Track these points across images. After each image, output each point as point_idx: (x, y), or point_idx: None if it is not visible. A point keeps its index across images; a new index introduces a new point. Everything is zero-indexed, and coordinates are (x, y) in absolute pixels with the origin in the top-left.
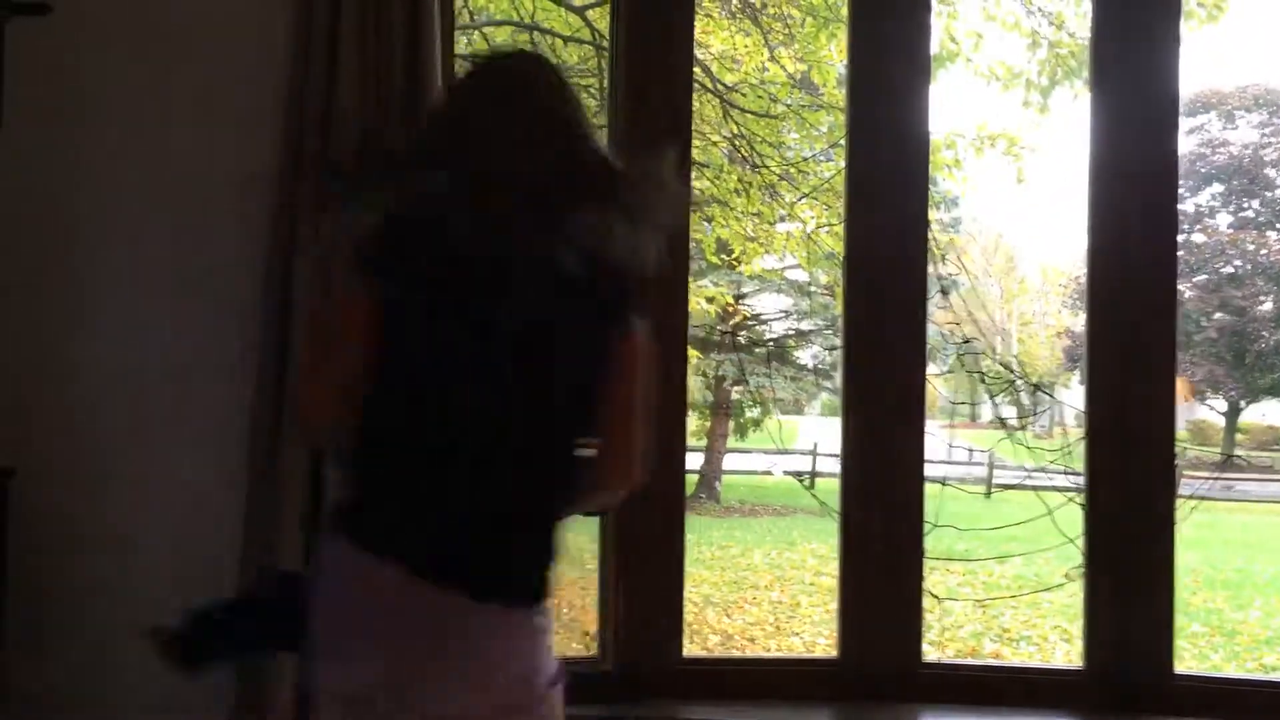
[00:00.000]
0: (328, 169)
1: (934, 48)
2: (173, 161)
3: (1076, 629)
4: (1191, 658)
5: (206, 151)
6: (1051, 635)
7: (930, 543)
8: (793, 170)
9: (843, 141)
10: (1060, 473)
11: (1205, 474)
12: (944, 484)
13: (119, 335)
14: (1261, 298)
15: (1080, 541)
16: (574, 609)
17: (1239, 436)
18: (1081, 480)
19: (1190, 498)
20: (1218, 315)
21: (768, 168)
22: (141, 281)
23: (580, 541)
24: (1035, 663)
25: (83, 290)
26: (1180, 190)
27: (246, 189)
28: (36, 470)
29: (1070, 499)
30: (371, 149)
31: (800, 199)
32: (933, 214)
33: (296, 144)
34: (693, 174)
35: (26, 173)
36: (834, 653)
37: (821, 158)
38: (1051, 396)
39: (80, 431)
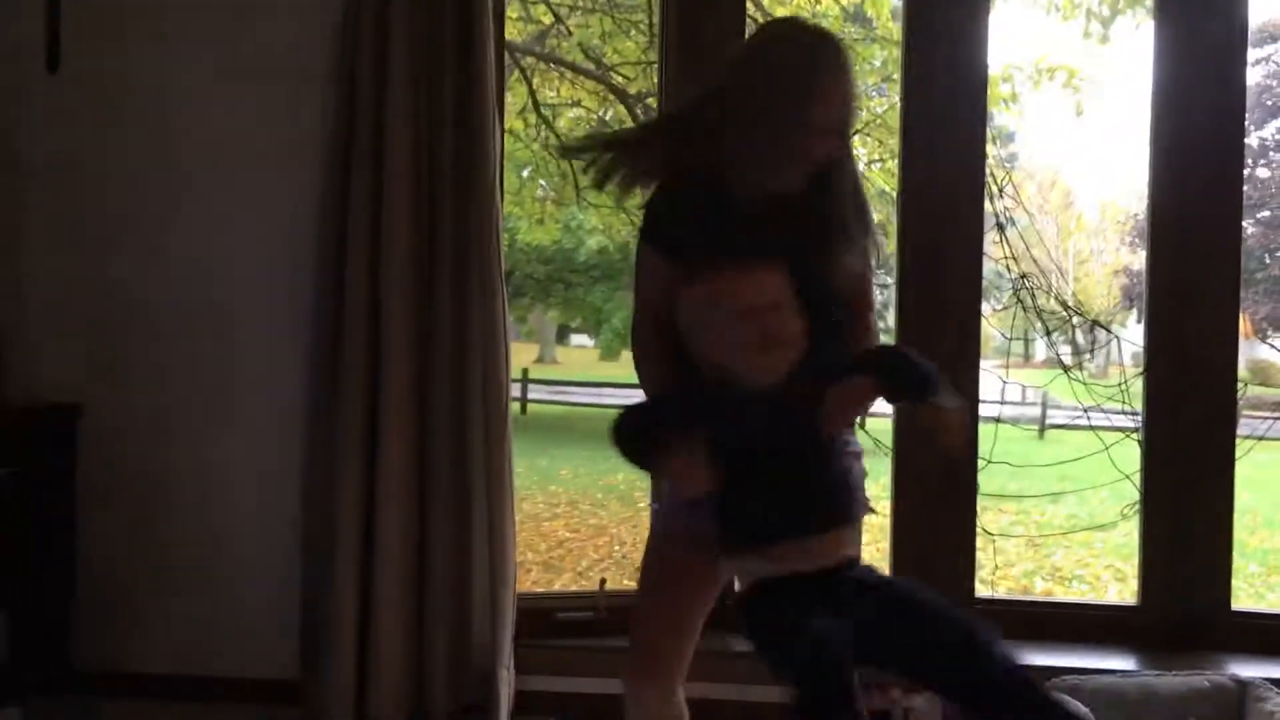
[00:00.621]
0: None
1: None
2: (227, 115)
3: (1130, 569)
4: (1248, 597)
5: (260, 107)
6: (1104, 575)
7: (983, 480)
8: None
9: (896, 76)
10: (1116, 412)
11: (1266, 414)
12: (998, 422)
13: (180, 276)
14: None
15: (1136, 478)
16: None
17: None
18: (1138, 419)
19: (1250, 438)
20: None
21: None
22: (199, 226)
23: None
24: (1090, 599)
25: (142, 232)
26: (1245, 123)
27: (300, 146)
28: (104, 410)
29: (1126, 436)
30: None
31: (853, 134)
32: (989, 149)
33: (349, 98)
34: None
35: (83, 119)
36: None
37: (874, 93)
38: (1110, 332)
39: (145, 374)
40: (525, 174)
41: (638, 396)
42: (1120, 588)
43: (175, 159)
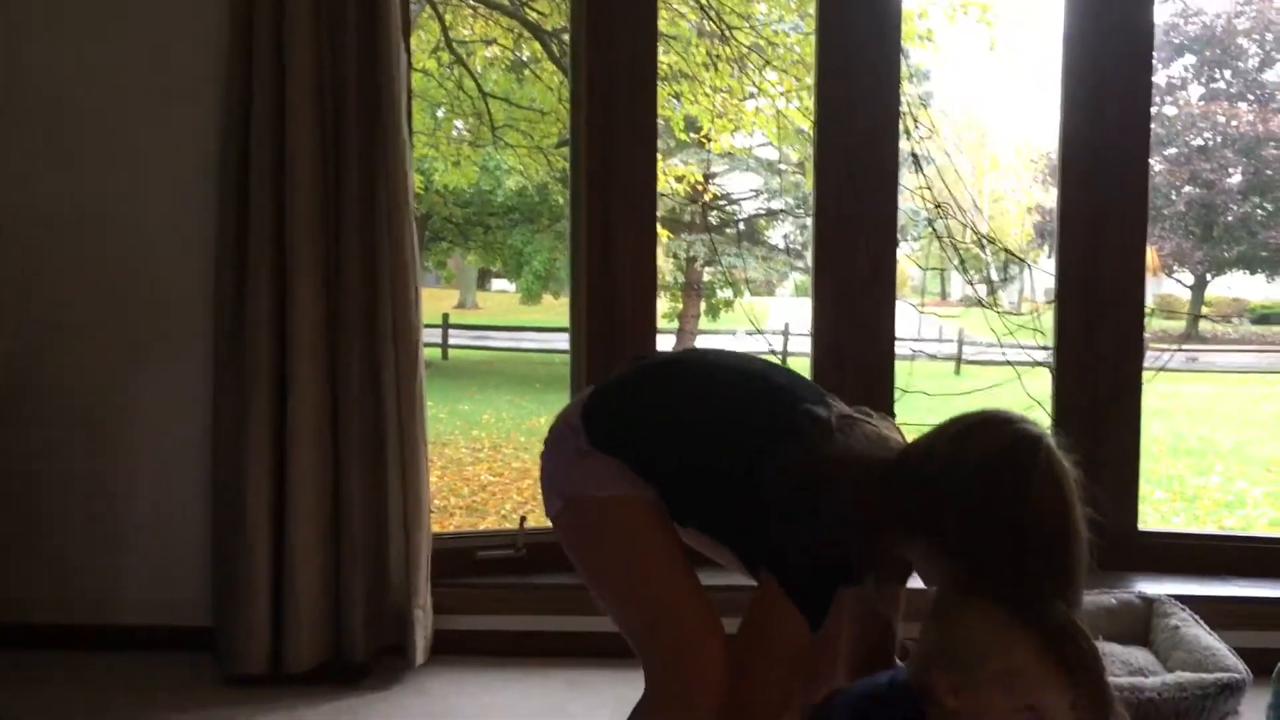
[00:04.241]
0: None
1: None
2: (114, 53)
3: None
4: (1155, 521)
5: (152, 41)
6: None
7: (901, 412)
8: (762, 42)
9: (812, 11)
10: (1029, 346)
11: (1171, 346)
12: (913, 359)
13: (74, 215)
14: (1230, 170)
15: (1048, 407)
16: None
17: (1204, 309)
18: (1049, 351)
19: (1156, 369)
20: (1186, 189)
21: (737, 39)
22: (92, 165)
23: None
24: None
25: (29, 170)
26: (1153, 61)
27: (197, 80)
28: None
29: (1038, 364)
30: None
31: (765, 66)
32: (904, 87)
33: (246, 30)
34: (659, 48)
35: None
36: None
37: (790, 29)
38: (1024, 263)
39: (41, 319)
40: (440, 114)
41: (558, 340)
42: None
43: (63, 95)
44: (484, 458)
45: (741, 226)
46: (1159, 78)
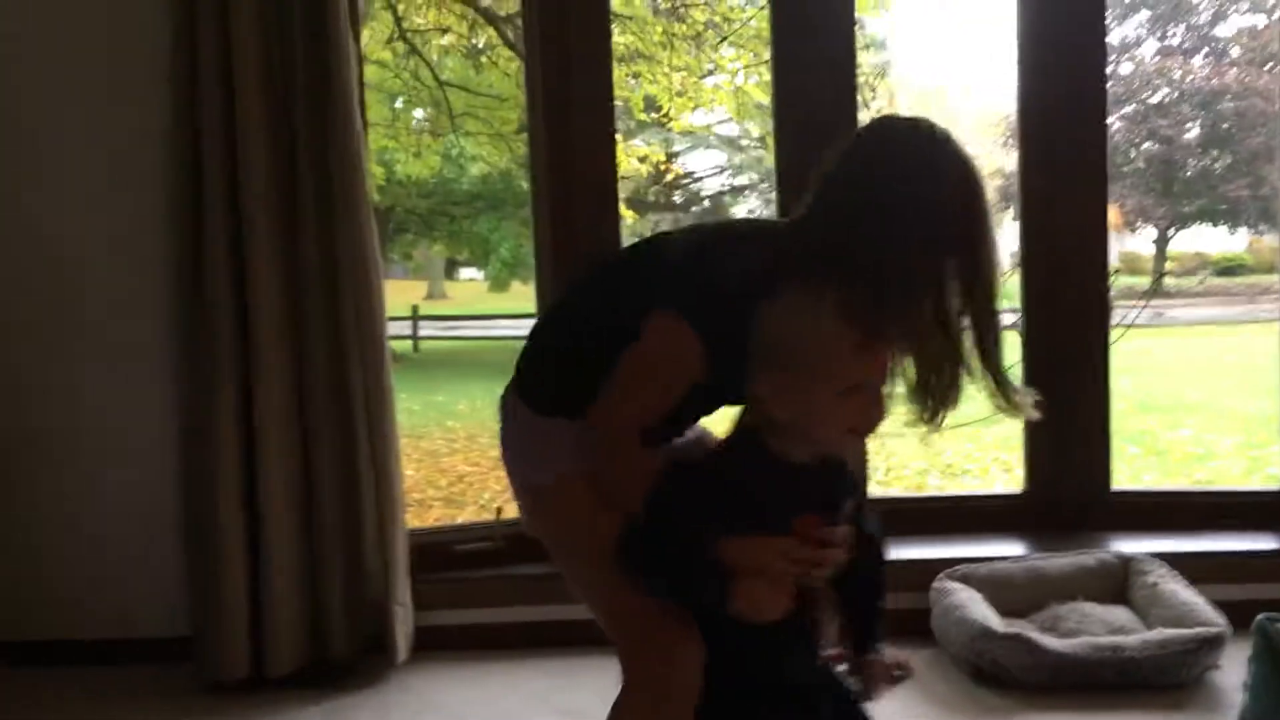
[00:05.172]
0: None
1: None
2: (58, 46)
3: (1015, 459)
4: (1128, 479)
5: (94, 38)
6: (992, 467)
7: None
8: (718, 18)
9: None
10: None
11: (1137, 303)
12: None
13: (21, 223)
14: (1188, 124)
15: (1018, 371)
16: None
17: (1168, 264)
18: (1018, 315)
19: (1123, 326)
20: (1145, 145)
21: (693, 16)
22: (37, 169)
23: None
24: (979, 490)
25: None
26: (1106, 20)
27: (145, 77)
28: None
29: (1006, 328)
30: None
31: (720, 41)
32: (861, 57)
33: (190, 20)
34: (614, 29)
35: None
36: None
37: (745, 3)
38: None
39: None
40: (399, 104)
41: (530, 327)
42: (1007, 478)
43: (30, 93)
44: (460, 448)
45: (706, 204)
46: (1113, 36)
